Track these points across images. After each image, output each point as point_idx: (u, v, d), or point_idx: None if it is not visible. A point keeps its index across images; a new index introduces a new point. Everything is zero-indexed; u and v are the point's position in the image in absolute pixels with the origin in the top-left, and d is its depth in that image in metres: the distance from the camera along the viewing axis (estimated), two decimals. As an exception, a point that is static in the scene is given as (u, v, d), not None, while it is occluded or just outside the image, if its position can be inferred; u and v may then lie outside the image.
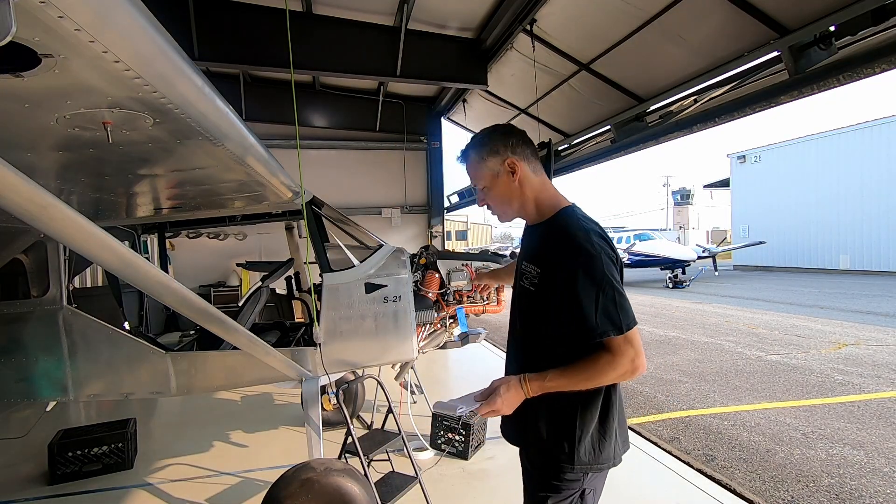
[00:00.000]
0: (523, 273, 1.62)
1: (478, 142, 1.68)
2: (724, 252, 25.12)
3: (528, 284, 1.58)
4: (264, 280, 3.98)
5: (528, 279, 1.58)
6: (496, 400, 1.47)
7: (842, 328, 9.89)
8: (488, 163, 1.64)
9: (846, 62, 3.59)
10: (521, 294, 1.64)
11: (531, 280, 1.57)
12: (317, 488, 2.43)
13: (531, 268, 1.58)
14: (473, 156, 1.68)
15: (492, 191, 1.66)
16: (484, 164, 1.65)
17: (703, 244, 25.49)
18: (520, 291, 1.64)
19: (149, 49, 1.06)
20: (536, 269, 1.56)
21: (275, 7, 5.93)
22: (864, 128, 22.21)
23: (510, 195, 1.65)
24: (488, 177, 1.65)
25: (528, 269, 1.59)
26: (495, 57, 7.06)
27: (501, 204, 1.67)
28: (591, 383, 1.47)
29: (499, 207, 1.69)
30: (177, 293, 1.89)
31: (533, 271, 1.57)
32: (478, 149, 1.67)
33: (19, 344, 3.10)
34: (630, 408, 5.70)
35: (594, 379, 1.46)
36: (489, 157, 1.64)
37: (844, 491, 3.72)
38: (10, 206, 1.13)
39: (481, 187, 1.67)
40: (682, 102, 5.29)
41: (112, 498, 3.51)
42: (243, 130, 1.80)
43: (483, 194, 1.69)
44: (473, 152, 1.68)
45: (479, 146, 1.67)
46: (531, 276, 1.57)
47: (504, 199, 1.66)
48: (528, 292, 1.59)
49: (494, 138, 1.66)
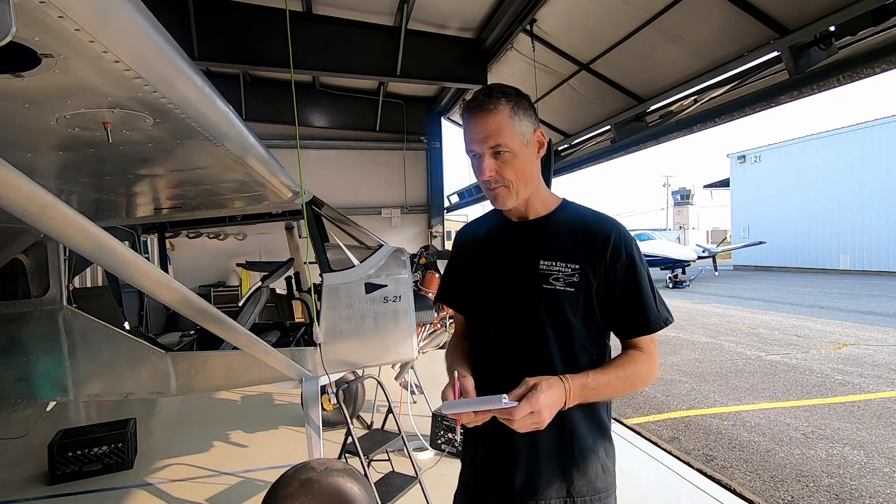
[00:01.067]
0: (546, 274, 1.31)
1: (512, 92, 1.28)
2: (724, 252, 25.14)
3: (561, 285, 1.30)
4: (264, 280, 3.98)
5: (558, 279, 1.30)
6: (538, 398, 1.12)
7: (842, 328, 9.89)
8: (522, 123, 1.27)
9: (846, 62, 3.59)
10: (542, 296, 1.31)
11: (566, 279, 1.29)
12: (317, 488, 2.43)
13: (560, 266, 1.31)
14: (505, 106, 1.25)
15: (515, 160, 1.27)
16: (518, 122, 1.26)
17: (703, 244, 25.50)
18: (541, 294, 1.31)
19: (149, 49, 1.06)
20: (571, 265, 1.30)
21: (275, 7, 5.93)
22: (864, 128, 22.22)
23: (530, 173, 1.32)
24: (517, 141, 1.26)
25: (555, 269, 1.31)
26: (495, 57, 7.06)
27: (519, 180, 1.30)
28: (628, 386, 1.30)
29: (515, 183, 1.30)
30: (177, 293, 1.89)
31: (565, 269, 1.30)
32: (514, 100, 1.27)
33: (19, 344, 3.10)
34: (630, 408, 5.71)
35: (633, 381, 1.30)
36: (525, 116, 1.27)
37: (844, 491, 3.72)
38: (10, 206, 1.13)
39: (504, 149, 1.26)
40: (682, 102, 5.29)
41: (112, 498, 3.51)
42: (243, 130, 1.80)
43: (500, 161, 1.27)
44: (506, 101, 1.25)
45: (517, 97, 1.28)
46: (564, 274, 1.30)
47: (523, 176, 1.30)
48: (559, 294, 1.30)
49: (524, 99, 1.30)
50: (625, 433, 4.58)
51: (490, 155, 1.27)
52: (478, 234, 1.50)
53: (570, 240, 1.33)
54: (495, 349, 1.38)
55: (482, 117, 1.26)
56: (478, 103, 1.27)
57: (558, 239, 1.34)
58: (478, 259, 1.45)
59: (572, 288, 1.29)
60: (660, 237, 22.17)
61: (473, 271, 1.46)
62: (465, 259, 1.51)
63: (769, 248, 24.67)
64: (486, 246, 1.45)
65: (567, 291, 1.30)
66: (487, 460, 1.38)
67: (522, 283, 1.34)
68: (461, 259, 1.54)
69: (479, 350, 1.44)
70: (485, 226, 1.51)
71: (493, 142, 1.25)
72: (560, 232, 1.35)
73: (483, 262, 1.43)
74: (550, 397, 1.14)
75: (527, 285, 1.33)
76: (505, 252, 1.39)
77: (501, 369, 1.35)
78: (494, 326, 1.38)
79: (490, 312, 1.39)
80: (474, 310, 1.47)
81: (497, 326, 1.37)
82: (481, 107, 1.26)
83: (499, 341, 1.37)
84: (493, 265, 1.40)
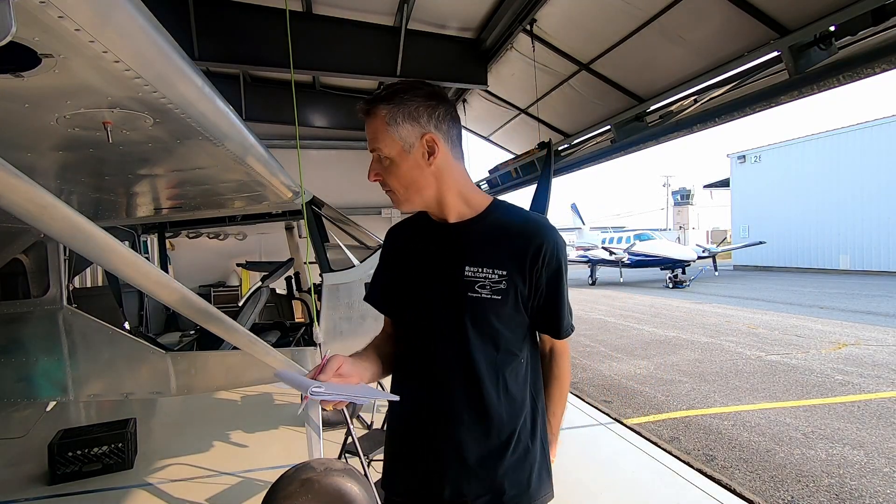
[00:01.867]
0: (471, 281, 1.24)
1: (395, 96, 1.22)
2: (724, 252, 25.17)
3: (487, 293, 1.24)
4: (264, 280, 3.99)
5: (484, 287, 1.24)
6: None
7: (842, 328, 9.88)
8: (401, 129, 1.21)
9: (846, 62, 3.59)
10: (468, 305, 1.24)
11: (493, 287, 1.23)
12: (317, 488, 2.43)
13: (487, 272, 1.24)
14: (383, 111, 1.21)
15: (396, 167, 1.23)
16: (394, 128, 1.21)
17: (703, 244, 25.53)
18: (467, 302, 1.24)
19: (149, 49, 1.06)
20: (499, 271, 1.24)
21: (275, 7, 5.93)
22: (864, 128, 22.22)
23: (420, 181, 1.25)
24: (396, 147, 1.21)
25: (481, 275, 1.24)
26: (495, 57, 7.06)
27: (405, 188, 1.25)
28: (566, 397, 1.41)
29: (400, 191, 1.26)
30: (177, 293, 1.89)
31: (492, 275, 1.24)
32: (392, 105, 1.21)
33: (19, 344, 3.11)
34: (630, 408, 5.71)
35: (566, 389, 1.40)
36: (404, 122, 1.21)
37: (844, 491, 3.72)
38: (10, 206, 1.13)
39: (383, 155, 1.23)
40: (682, 102, 5.28)
41: (112, 498, 3.51)
42: (243, 130, 1.80)
43: (380, 166, 1.25)
44: (385, 107, 1.21)
45: (396, 103, 1.21)
46: (490, 281, 1.24)
47: (409, 183, 1.25)
48: (485, 302, 1.24)
49: (417, 100, 1.22)
50: (625, 433, 4.58)
51: (375, 159, 1.25)
52: (406, 234, 1.43)
53: (498, 245, 1.27)
54: (422, 352, 1.31)
55: (364, 119, 1.25)
56: (361, 104, 1.25)
57: (486, 243, 1.27)
58: (405, 261, 1.39)
59: (499, 296, 1.24)
60: (660, 237, 22.21)
61: (400, 273, 1.39)
62: (394, 260, 1.44)
63: (769, 248, 24.68)
64: (413, 247, 1.38)
65: (493, 300, 1.24)
66: (411, 474, 1.30)
67: (447, 290, 1.26)
68: (390, 259, 1.46)
69: (405, 350, 1.37)
70: (414, 225, 1.43)
71: (371, 146, 1.24)
72: (488, 236, 1.28)
73: (409, 265, 1.37)
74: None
75: (451, 293, 1.26)
76: (430, 255, 1.32)
77: (427, 371, 1.29)
78: (420, 330, 1.32)
79: (416, 316, 1.33)
80: (400, 312, 1.41)
81: (423, 330, 1.31)
82: (363, 108, 1.24)
83: (425, 345, 1.30)
84: (418, 269, 1.34)
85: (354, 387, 1.17)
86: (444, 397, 1.25)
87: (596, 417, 4.98)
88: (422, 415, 1.28)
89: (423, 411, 1.28)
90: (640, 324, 11.33)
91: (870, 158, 21.63)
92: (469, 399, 1.24)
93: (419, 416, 1.28)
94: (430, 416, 1.26)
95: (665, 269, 19.85)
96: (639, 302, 15.39)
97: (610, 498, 3.40)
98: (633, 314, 12.86)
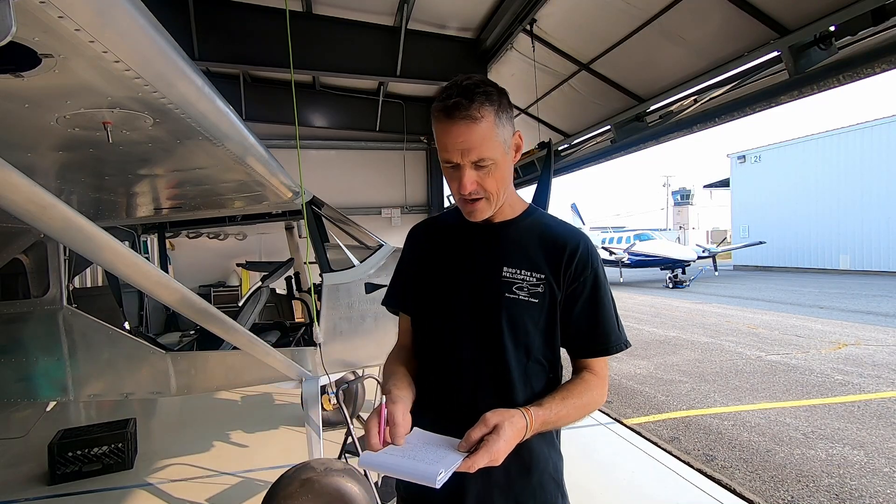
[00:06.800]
0: (509, 282, 1.20)
1: (490, 96, 1.11)
2: (724, 252, 25.17)
3: (525, 296, 1.19)
4: (264, 280, 3.99)
5: (521, 288, 1.20)
6: (498, 445, 1.00)
7: (842, 328, 9.89)
8: (505, 129, 1.13)
9: (846, 62, 3.59)
10: (505, 306, 1.20)
11: (530, 290, 1.19)
12: (317, 488, 2.43)
13: (525, 274, 1.20)
14: (491, 115, 1.10)
15: (497, 170, 1.14)
16: (501, 129, 1.12)
17: (703, 244, 25.55)
18: (504, 303, 1.20)
19: (149, 49, 1.06)
20: (537, 274, 1.20)
21: (275, 7, 5.93)
22: (864, 128, 22.23)
23: (509, 181, 1.19)
24: (500, 149, 1.13)
25: (519, 277, 1.20)
26: (495, 57, 7.06)
27: (500, 189, 1.17)
28: (582, 415, 1.20)
29: (496, 196, 1.18)
30: (177, 293, 1.89)
31: (530, 278, 1.20)
32: (496, 106, 1.11)
33: (19, 344, 3.10)
34: (630, 408, 5.71)
35: (588, 408, 1.20)
36: (507, 120, 1.14)
37: (845, 491, 3.72)
38: (10, 206, 1.13)
39: (488, 159, 1.12)
40: (682, 102, 5.29)
41: (112, 498, 3.51)
42: (243, 130, 1.80)
43: (484, 173, 1.13)
44: (490, 106, 1.10)
45: (495, 102, 1.11)
46: (528, 283, 1.20)
47: (504, 184, 1.18)
48: (522, 304, 1.20)
49: (503, 97, 1.14)
50: (625, 433, 4.58)
51: (471, 167, 1.12)
52: (434, 234, 1.37)
53: (536, 247, 1.22)
54: (448, 359, 1.24)
55: (464, 126, 1.08)
56: (460, 108, 1.08)
57: (524, 245, 1.23)
58: (433, 261, 1.32)
59: (536, 299, 1.20)
60: (660, 237, 22.21)
61: (428, 274, 1.31)
62: (419, 260, 1.36)
63: (769, 248, 24.69)
64: (443, 247, 1.31)
65: (531, 302, 1.19)
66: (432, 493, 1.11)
67: (483, 289, 1.22)
68: (415, 260, 1.38)
69: (428, 359, 1.30)
70: (443, 225, 1.37)
71: (477, 155, 1.10)
72: (525, 238, 1.24)
73: (439, 265, 1.30)
74: (511, 440, 1.03)
75: (488, 292, 1.21)
76: (465, 255, 1.26)
77: (453, 381, 1.23)
78: (449, 335, 1.24)
79: (445, 319, 1.25)
80: (427, 316, 1.32)
81: (452, 335, 1.24)
82: (464, 113, 1.08)
83: (452, 351, 1.23)
84: (450, 268, 1.27)
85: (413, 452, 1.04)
86: (471, 406, 1.14)
87: (596, 417, 4.98)
88: (447, 420, 1.16)
89: (446, 418, 1.17)
90: (640, 324, 11.33)
91: (870, 158, 21.64)
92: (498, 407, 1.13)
93: (443, 423, 1.15)
94: (456, 424, 1.11)
95: (665, 269, 19.87)
96: (639, 302, 15.40)
97: (610, 498, 3.40)
98: (633, 314, 12.86)
